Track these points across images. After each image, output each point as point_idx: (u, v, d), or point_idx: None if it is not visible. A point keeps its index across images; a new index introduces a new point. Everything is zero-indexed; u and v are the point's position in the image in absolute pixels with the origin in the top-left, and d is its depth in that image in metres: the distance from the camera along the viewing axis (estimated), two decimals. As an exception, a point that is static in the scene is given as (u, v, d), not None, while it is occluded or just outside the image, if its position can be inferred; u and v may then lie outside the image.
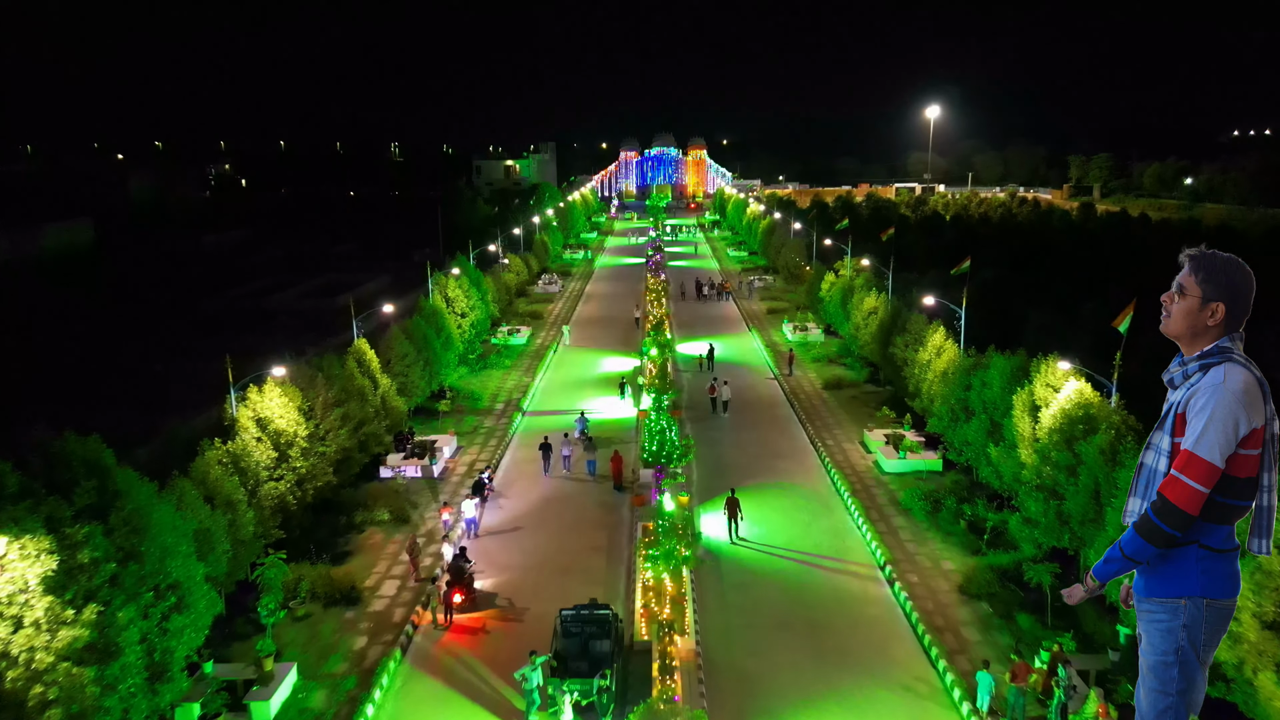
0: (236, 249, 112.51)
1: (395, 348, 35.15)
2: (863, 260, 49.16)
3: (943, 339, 33.00)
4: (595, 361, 48.29)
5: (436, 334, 39.94)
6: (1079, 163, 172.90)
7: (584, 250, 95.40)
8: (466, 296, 45.37)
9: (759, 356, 49.48)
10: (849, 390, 41.40)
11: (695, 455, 31.11)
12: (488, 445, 34.56)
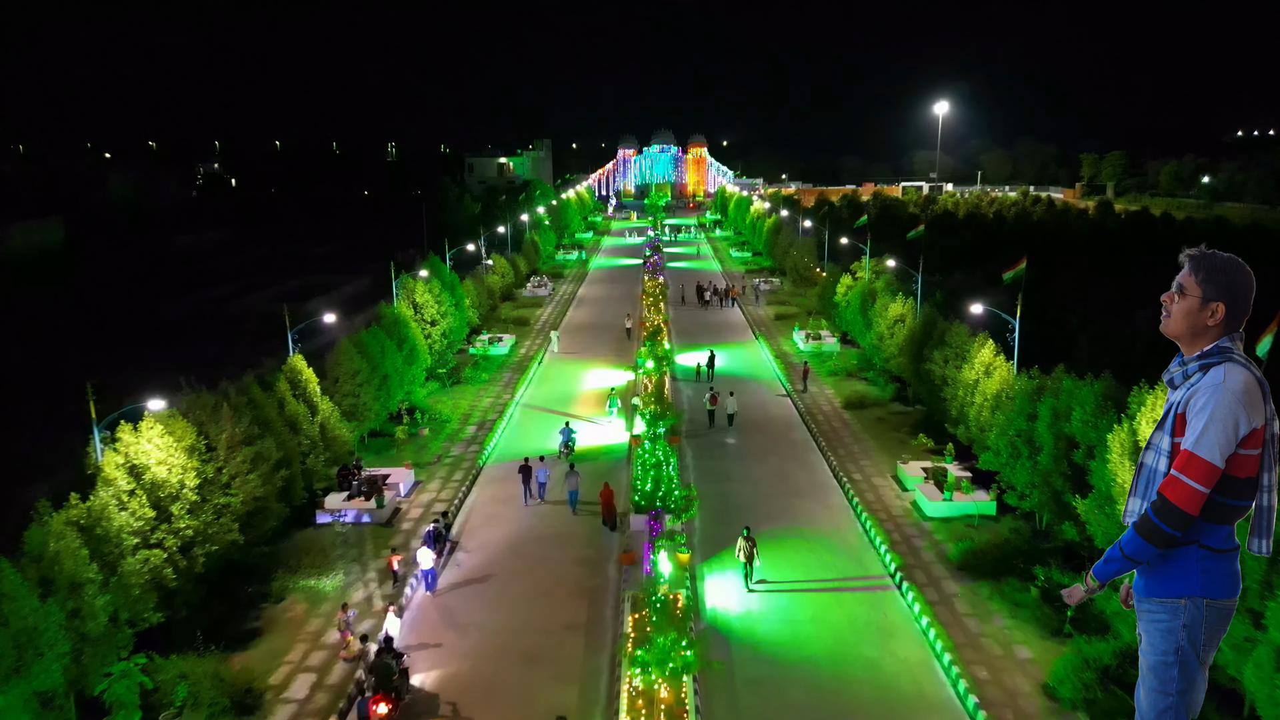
0: (213, 249, 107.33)
1: (343, 364, 29.83)
2: (888, 261, 43.77)
3: (992, 355, 27.67)
4: (584, 374, 42.94)
5: (399, 346, 34.62)
6: (1091, 161, 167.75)
7: (578, 251, 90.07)
8: (437, 302, 40.02)
9: (768, 369, 44.13)
10: (873, 410, 36.04)
11: (698, 500, 25.69)
12: (451, 480, 29.18)
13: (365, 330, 32.44)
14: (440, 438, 33.13)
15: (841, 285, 47.65)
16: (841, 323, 47.42)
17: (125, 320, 64.76)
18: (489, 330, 49.76)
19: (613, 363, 44.50)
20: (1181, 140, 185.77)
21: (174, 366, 42.09)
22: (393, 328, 34.87)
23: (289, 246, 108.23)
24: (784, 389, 40.00)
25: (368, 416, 30.40)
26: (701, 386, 39.69)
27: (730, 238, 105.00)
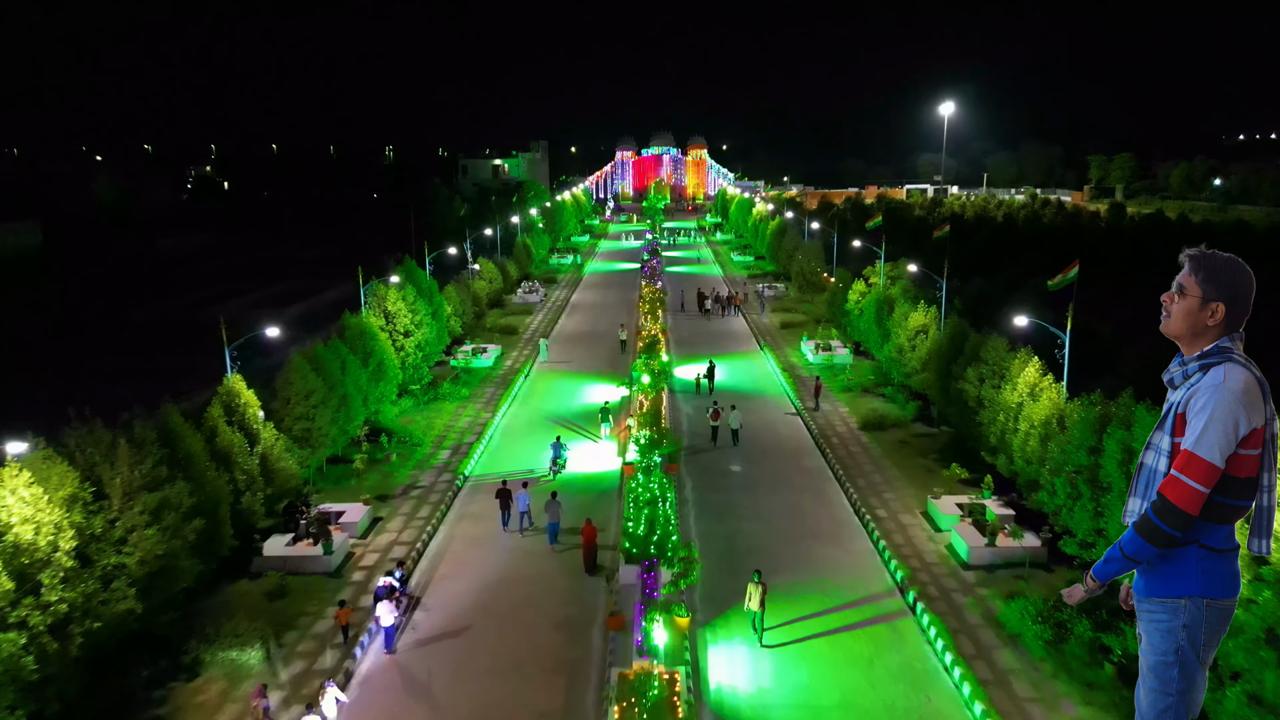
0: (196, 253, 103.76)
1: (295, 383, 26.14)
2: (909, 266, 40.10)
3: (1038, 374, 24.00)
4: (575, 389, 39.25)
5: (364, 361, 30.96)
6: (1099, 163, 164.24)
7: (573, 255, 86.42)
8: (412, 311, 36.33)
9: (775, 383, 40.44)
10: (894, 432, 32.35)
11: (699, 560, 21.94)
12: (417, 515, 25.47)
13: (323, 344, 28.71)
14: (409, 464, 29.40)
15: (853, 292, 44.01)
16: (854, 332, 43.78)
17: (89, 327, 61.23)
18: (472, 340, 46.07)
19: (607, 376, 40.83)
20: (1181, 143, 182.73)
21: (111, 380, 38.59)
22: (357, 340, 31.20)
23: (276, 250, 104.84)
24: (794, 407, 36.31)
25: (324, 442, 26.69)
26: (703, 400, 36.08)
27: (731, 241, 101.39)
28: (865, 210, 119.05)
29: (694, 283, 68.73)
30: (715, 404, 33.86)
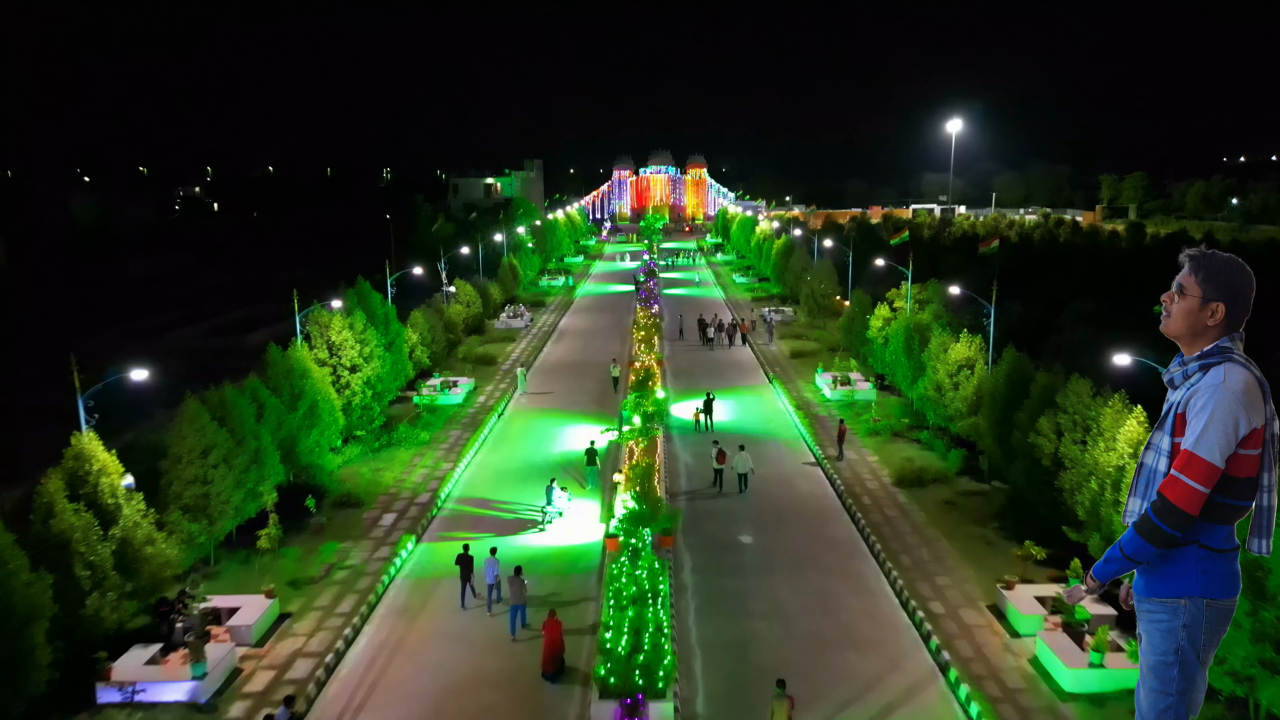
0: (169, 275, 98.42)
1: (188, 437, 20.55)
2: (951, 288, 34.59)
3: (1143, 430, 18.41)
4: (557, 431, 33.64)
5: (291, 404, 25.39)
6: (1110, 182, 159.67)
7: (565, 276, 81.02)
8: (361, 342, 30.80)
9: (788, 424, 34.81)
10: (936, 489, 26.68)
11: (702, 655, 16.30)
12: (336, 611, 19.76)
13: (231, 385, 23.11)
14: (339, 536, 23.71)
15: (876, 318, 38.52)
16: (877, 363, 38.24)
17: (31, 355, 55.78)
18: (442, 372, 40.46)
19: (593, 415, 35.29)
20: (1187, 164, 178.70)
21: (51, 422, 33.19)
22: (283, 379, 25.63)
23: (256, 272, 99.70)
24: (812, 455, 30.67)
25: (224, 512, 21.03)
26: (704, 441, 30.70)
27: (733, 262, 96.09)
28: (872, 230, 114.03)
29: (693, 307, 63.22)
30: (717, 444, 28.65)
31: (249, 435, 22.29)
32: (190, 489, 20.38)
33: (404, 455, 30.51)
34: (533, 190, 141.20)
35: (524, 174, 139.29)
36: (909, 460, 28.83)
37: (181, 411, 20.91)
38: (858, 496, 26.20)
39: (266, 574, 20.98)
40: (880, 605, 19.90)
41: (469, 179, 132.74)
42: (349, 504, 25.71)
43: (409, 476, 28.47)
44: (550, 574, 21.47)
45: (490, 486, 28.01)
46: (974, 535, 23.17)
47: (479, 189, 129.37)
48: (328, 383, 28.17)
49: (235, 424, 22.11)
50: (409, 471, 28.92)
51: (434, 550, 23.23)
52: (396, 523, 24.72)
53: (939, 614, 19.05)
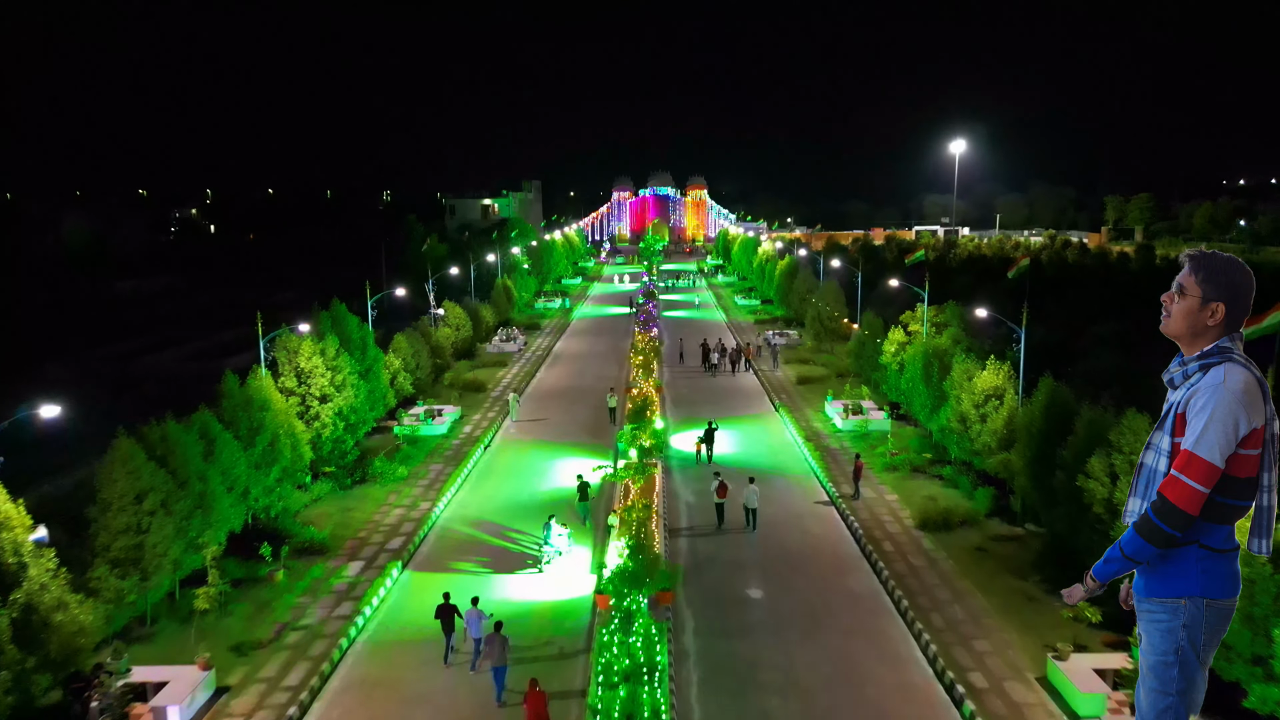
0: (157, 296, 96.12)
1: (119, 482, 18.01)
2: (979, 311, 32.11)
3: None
4: (547, 464, 31.08)
5: (248, 440, 22.87)
6: (1116, 204, 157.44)
7: (561, 298, 78.69)
8: (332, 369, 28.31)
9: (797, 457, 32.23)
10: (965, 533, 24.07)
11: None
12: (283, 683, 17.10)
13: (175, 420, 20.56)
14: (297, 589, 21.09)
15: (890, 342, 36.04)
16: (891, 391, 35.72)
17: (0, 380, 53.29)
18: (426, 400, 37.93)
19: (588, 447, 32.77)
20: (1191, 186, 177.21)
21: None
22: (240, 411, 23.12)
23: (245, 293, 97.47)
24: (825, 493, 28.07)
25: (161, 567, 18.45)
26: (706, 475, 28.13)
27: (735, 284, 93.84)
28: (877, 251, 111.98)
29: (693, 329, 60.86)
30: (719, 476, 26.23)
31: (194, 477, 19.75)
32: (121, 540, 17.81)
33: (379, 493, 27.93)
34: (531, 211, 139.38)
35: (522, 195, 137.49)
36: (932, 500, 26.24)
37: (112, 451, 18.37)
38: (878, 542, 23.58)
39: (208, 637, 18.34)
40: (911, 676, 17.24)
41: (466, 200, 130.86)
42: (312, 550, 23.10)
43: (382, 517, 25.87)
44: (535, 630, 18.87)
45: (472, 528, 25.41)
46: (1013, 589, 20.54)
47: (476, 210, 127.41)
48: (293, 414, 25.65)
49: (179, 464, 19.58)
50: (383, 512, 26.32)
51: (405, 602, 20.64)
52: (364, 571, 22.11)
53: (981, 688, 16.40)
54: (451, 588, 19.76)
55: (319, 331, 30.10)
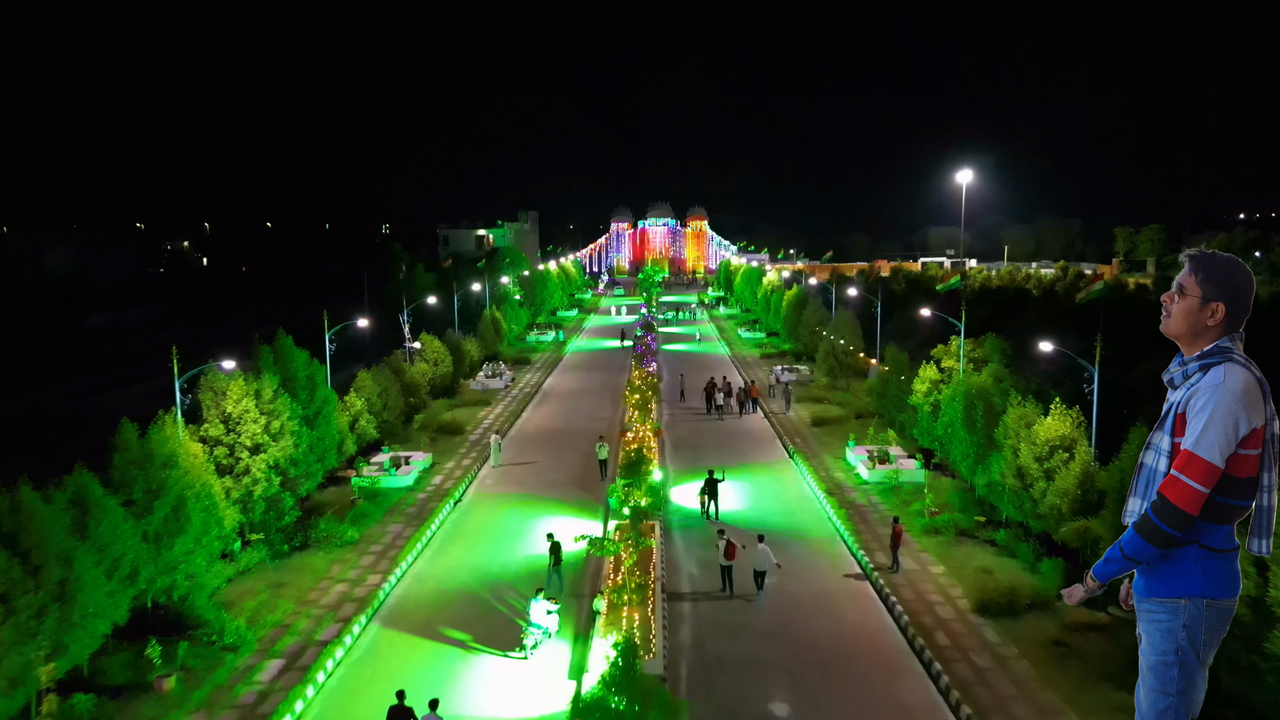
0: (136, 329, 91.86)
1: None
2: (1043, 346, 27.69)
3: None
4: (524, 525, 26.48)
5: (144, 507, 18.37)
6: (1126, 235, 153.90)
7: (555, 331, 74.40)
8: (268, 413, 23.84)
9: (818, 515, 27.63)
10: (1037, 620, 19.44)
11: None
12: None
13: (30, 486, 16.04)
14: (192, 701, 16.41)
15: (921, 380, 31.60)
16: (923, 436, 31.23)
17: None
18: (392, 446, 33.40)
19: (575, 504, 28.25)
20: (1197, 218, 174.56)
21: None
22: (134, 470, 18.63)
23: (225, 327, 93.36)
24: (857, 563, 23.44)
25: (15, 679, 13.83)
26: (713, 536, 23.55)
27: (738, 316, 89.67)
28: (884, 283, 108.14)
29: (694, 364, 56.52)
30: (723, 534, 22.06)
31: (52, 560, 15.20)
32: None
33: (321, 562, 23.32)
34: (527, 242, 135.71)
35: (518, 225, 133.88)
36: (987, 573, 21.65)
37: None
38: (929, 633, 18.94)
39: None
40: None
41: (459, 230, 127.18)
42: (226, 640, 18.46)
43: (320, 595, 21.25)
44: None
45: (428, 607, 20.81)
46: (1115, 705, 15.87)
47: (470, 241, 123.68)
48: (210, 470, 21.14)
49: (33, 542, 15.05)
50: (321, 588, 21.70)
51: (336, 712, 16.02)
52: (283, 674, 17.46)
53: None
54: (406, 683, 15.31)
55: (257, 369, 25.69)
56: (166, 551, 18.76)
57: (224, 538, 21.45)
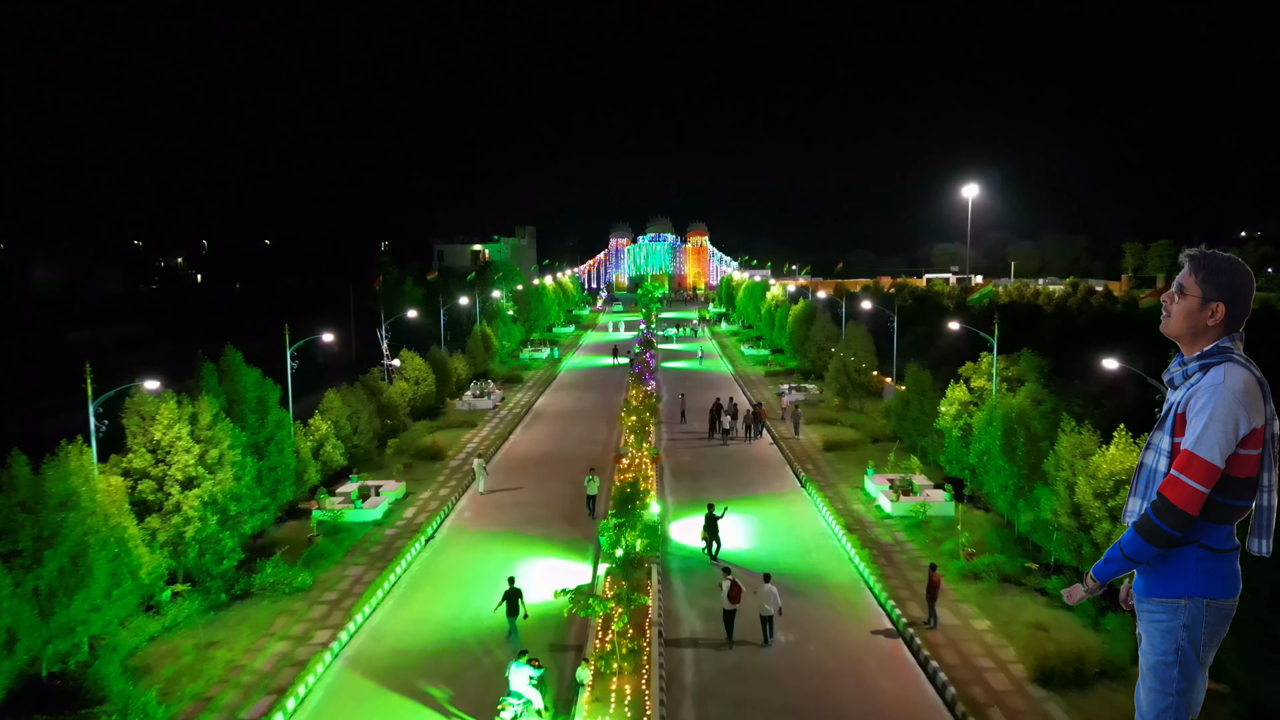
0: (115, 347, 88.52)
1: None
2: (1107, 363, 24.47)
3: None
4: (504, 568, 23.21)
5: (33, 557, 15.21)
6: (1135, 251, 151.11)
7: (550, 347, 71.28)
8: (204, 441, 20.68)
9: (838, 556, 24.37)
10: (1111, 692, 16.14)
11: None
12: None
13: None
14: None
15: (949, 402, 28.46)
16: (950, 463, 28.07)
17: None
18: (360, 475, 30.20)
19: (564, 545, 25.05)
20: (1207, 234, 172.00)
21: None
22: (19, 515, 15.45)
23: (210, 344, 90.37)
24: (887, 615, 20.19)
25: None
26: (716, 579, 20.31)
27: (740, 333, 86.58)
28: (889, 300, 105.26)
29: (696, 383, 53.40)
30: (729, 573, 19.05)
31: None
32: None
33: (264, 614, 20.09)
34: (525, 257, 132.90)
35: (515, 240, 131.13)
36: (1042, 631, 18.40)
37: None
38: (981, 709, 15.66)
39: None
40: None
41: (455, 245, 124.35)
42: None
43: (255, 658, 18.00)
44: None
45: (383, 673, 17.57)
46: (1229, 817, 12.62)
47: (465, 256, 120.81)
48: (125, 510, 17.95)
49: None
50: (258, 646, 18.45)
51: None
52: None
53: None
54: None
55: (197, 390, 22.57)
56: (62, 610, 15.57)
57: (144, 589, 18.26)
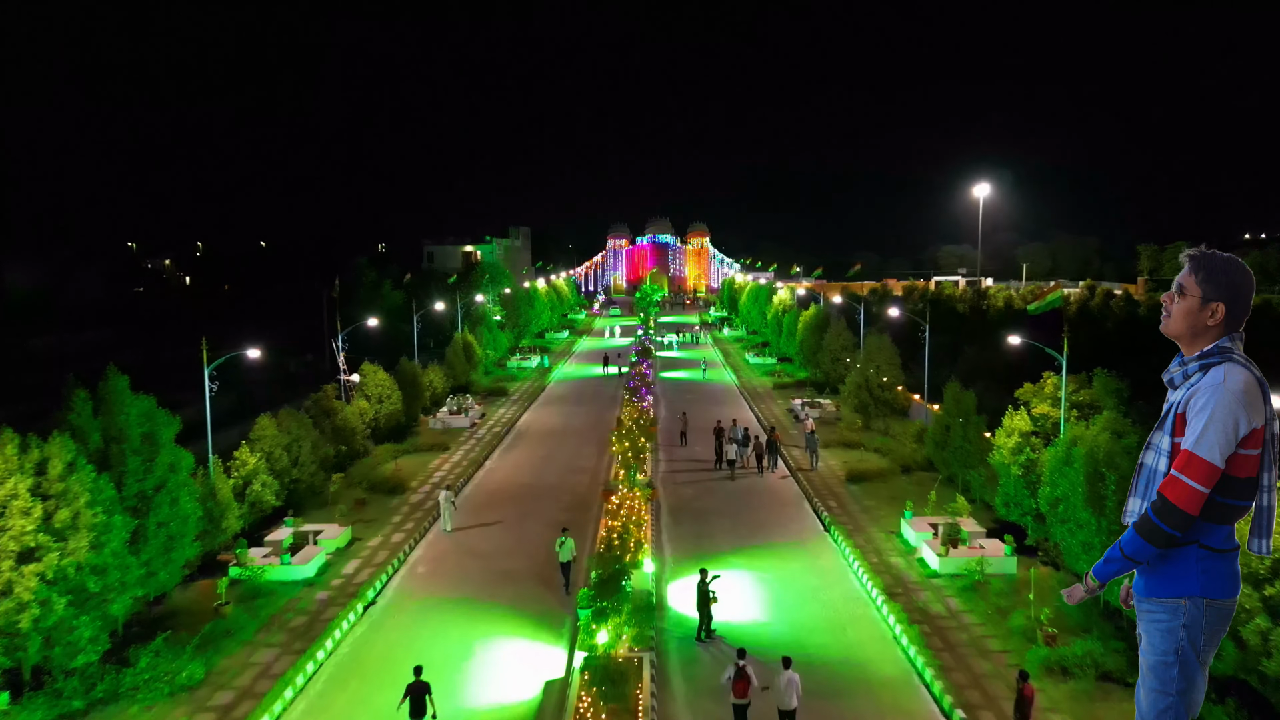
0: (80, 353, 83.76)
1: None
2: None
3: None
4: (455, 651, 18.29)
5: None
6: (1150, 253, 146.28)
7: (540, 355, 66.35)
8: (59, 499, 15.73)
9: (878, 635, 19.36)
10: None
11: None
12: None
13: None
14: None
15: (1007, 432, 23.49)
16: (1010, 507, 23.09)
17: None
18: (296, 519, 25.20)
19: (535, 617, 20.09)
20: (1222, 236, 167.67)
21: None
22: None
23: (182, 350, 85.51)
24: None
25: None
26: (717, 665, 15.35)
27: (744, 339, 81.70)
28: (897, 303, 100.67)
29: (699, 396, 48.51)
30: (744, 656, 14.72)
31: None
32: None
33: (139, 707, 15.14)
34: (519, 259, 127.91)
35: (508, 241, 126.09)
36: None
37: None
38: None
39: None
40: None
41: (445, 247, 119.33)
42: None
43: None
44: None
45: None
46: None
47: (456, 257, 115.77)
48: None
49: None
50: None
51: None
52: None
53: None
54: None
55: (64, 424, 17.64)
56: None
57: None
